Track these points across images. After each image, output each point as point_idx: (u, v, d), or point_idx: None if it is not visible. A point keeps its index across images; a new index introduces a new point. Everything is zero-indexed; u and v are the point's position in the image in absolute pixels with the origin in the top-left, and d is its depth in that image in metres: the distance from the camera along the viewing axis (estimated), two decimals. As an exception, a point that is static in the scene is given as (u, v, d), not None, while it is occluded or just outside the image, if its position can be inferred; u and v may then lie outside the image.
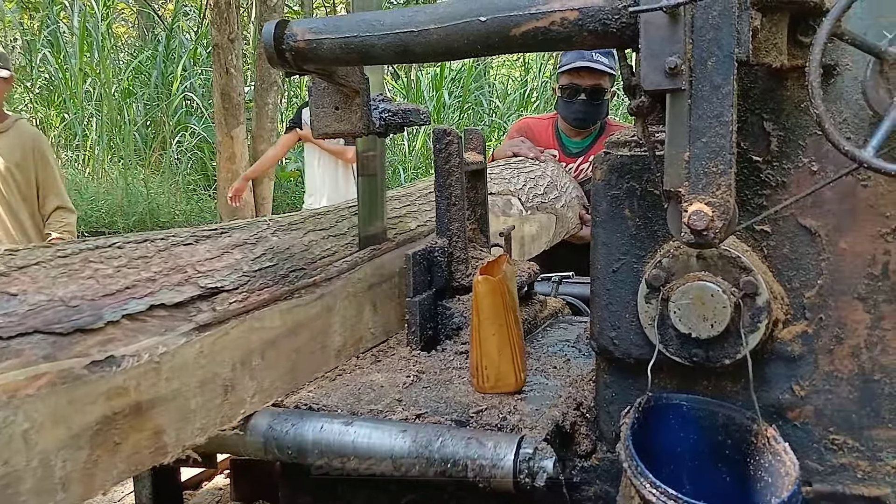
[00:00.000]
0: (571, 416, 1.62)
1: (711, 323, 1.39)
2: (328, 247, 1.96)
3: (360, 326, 2.03)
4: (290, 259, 1.81)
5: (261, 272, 1.70)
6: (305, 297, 1.78)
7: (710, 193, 1.22)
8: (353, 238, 2.07)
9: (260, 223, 1.90)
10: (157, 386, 1.37)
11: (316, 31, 1.55)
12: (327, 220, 2.10)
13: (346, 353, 1.96)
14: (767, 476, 1.37)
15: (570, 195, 3.64)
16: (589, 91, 3.70)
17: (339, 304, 1.92)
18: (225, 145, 8.70)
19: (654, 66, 1.22)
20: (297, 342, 1.76)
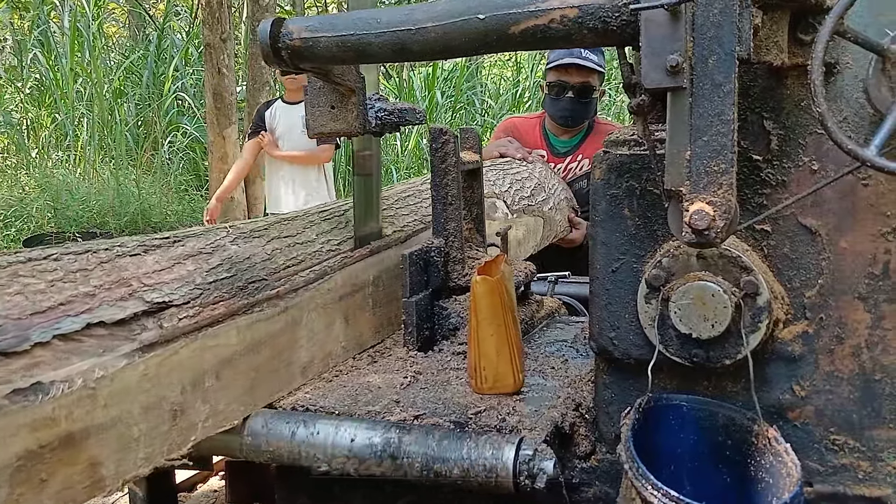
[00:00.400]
0: (570, 417, 1.61)
1: (712, 323, 1.38)
2: (294, 255, 1.84)
3: (330, 341, 1.92)
4: (250, 269, 1.68)
5: (216, 284, 1.57)
6: (267, 310, 1.67)
7: (711, 192, 1.21)
8: (321, 246, 1.95)
9: (218, 230, 1.77)
10: (93, 414, 1.25)
11: (312, 30, 1.53)
12: (294, 227, 1.97)
13: (314, 369, 1.85)
14: (768, 477, 1.37)
15: (558, 197, 3.55)
16: (577, 89, 3.62)
17: (306, 317, 1.81)
18: (217, 145, 8.68)
19: (654, 64, 1.21)
20: (257, 360, 1.64)
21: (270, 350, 1.69)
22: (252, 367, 1.63)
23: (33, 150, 11.82)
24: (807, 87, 1.37)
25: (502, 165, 3.37)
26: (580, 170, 3.82)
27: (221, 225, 1.80)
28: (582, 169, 3.82)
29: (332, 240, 2.01)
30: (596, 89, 3.70)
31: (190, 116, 12.51)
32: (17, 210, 9.79)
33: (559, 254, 3.53)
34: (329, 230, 2.05)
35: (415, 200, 2.52)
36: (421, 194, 2.58)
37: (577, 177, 3.82)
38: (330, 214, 2.13)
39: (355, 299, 2.03)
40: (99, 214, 9.98)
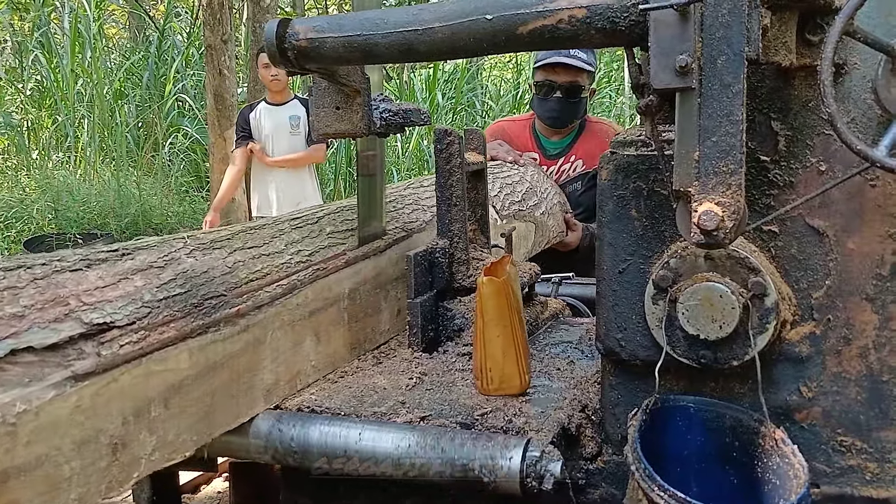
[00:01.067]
0: (577, 419, 1.61)
1: (720, 324, 1.37)
2: (258, 268, 1.70)
3: (299, 360, 1.79)
4: (207, 284, 1.54)
5: (167, 302, 1.43)
6: (225, 329, 1.54)
7: (720, 193, 1.20)
8: (290, 257, 1.81)
9: (175, 241, 1.63)
10: (13, 453, 1.12)
11: (318, 30, 1.53)
12: (260, 237, 1.82)
13: (280, 392, 1.72)
14: (775, 478, 1.36)
15: (551, 201, 3.41)
16: (565, 88, 3.48)
17: (271, 335, 1.68)
18: (218, 147, 8.66)
19: (663, 64, 1.20)
20: (212, 384, 1.51)
21: (229, 373, 1.56)
22: (207, 391, 1.50)
23: (34, 151, 11.81)
24: (814, 87, 1.38)
25: (492, 169, 3.18)
26: (574, 171, 3.71)
27: (179, 235, 1.68)
28: (575, 170, 3.71)
29: (303, 250, 1.87)
30: (585, 89, 3.57)
31: (191, 118, 12.50)
32: (17, 211, 9.79)
33: (555, 258, 3.41)
34: (300, 239, 1.90)
35: (396, 206, 2.38)
36: (403, 199, 2.45)
37: (571, 178, 3.72)
38: (302, 222, 1.99)
39: (328, 314, 1.89)
40: (100, 216, 9.98)
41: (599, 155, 3.48)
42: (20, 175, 11.08)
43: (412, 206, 2.43)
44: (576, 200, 3.67)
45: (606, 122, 3.96)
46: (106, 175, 11.17)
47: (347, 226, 2.08)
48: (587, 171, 3.65)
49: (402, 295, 2.15)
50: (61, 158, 11.77)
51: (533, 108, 3.72)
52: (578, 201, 3.67)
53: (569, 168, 3.70)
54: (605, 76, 14.88)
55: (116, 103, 12.33)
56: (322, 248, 1.93)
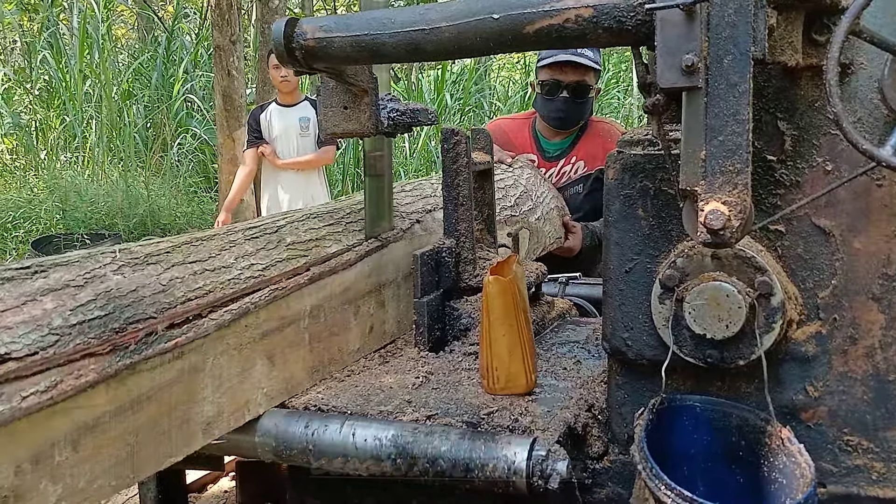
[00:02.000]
0: (583, 418, 1.61)
1: (726, 324, 1.38)
2: (199, 285, 1.51)
3: (247, 388, 1.60)
4: (133, 306, 1.35)
5: (81, 327, 1.24)
6: (154, 358, 1.35)
7: (726, 192, 1.20)
8: (240, 272, 1.63)
9: (102, 256, 1.44)
10: None
11: (326, 30, 1.54)
12: (207, 249, 1.63)
13: (223, 424, 1.54)
14: (782, 477, 1.36)
15: (547, 206, 3.23)
16: (572, 87, 3.36)
17: (213, 362, 1.50)
18: (227, 147, 8.68)
19: (670, 63, 1.21)
20: (136, 420, 1.33)
21: (157, 406, 1.38)
22: (129, 429, 1.32)
23: (42, 151, 11.85)
24: (821, 87, 1.38)
25: None
26: (575, 173, 3.58)
27: (109, 248, 1.49)
28: (577, 172, 3.57)
29: (256, 264, 1.68)
30: (592, 88, 3.45)
31: (199, 119, 12.53)
32: (25, 211, 9.83)
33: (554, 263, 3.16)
34: (253, 252, 1.71)
35: None
36: None
37: (572, 181, 3.58)
38: (259, 232, 1.81)
39: (285, 335, 1.71)
40: (108, 216, 10.00)
41: (602, 156, 3.45)
42: (28, 175, 11.12)
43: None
44: (577, 204, 3.57)
45: (609, 122, 3.86)
46: (114, 175, 11.20)
47: (312, 235, 1.91)
48: (589, 172, 3.54)
49: (376, 310, 2.05)
50: (69, 159, 11.81)
51: (536, 108, 3.60)
52: (580, 205, 3.57)
53: (570, 170, 3.58)
54: (614, 77, 14.87)
55: (125, 104, 12.36)
56: (279, 262, 1.74)
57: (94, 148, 11.64)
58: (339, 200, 2.29)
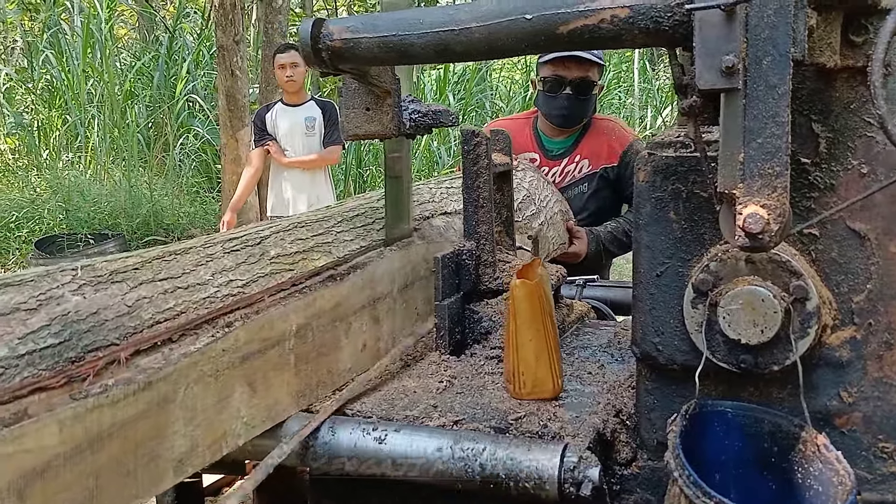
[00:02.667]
0: (612, 424, 1.59)
1: (761, 329, 1.35)
2: (170, 306, 1.38)
3: (225, 418, 1.46)
4: (94, 331, 1.22)
5: (31, 357, 1.11)
6: (116, 390, 1.20)
7: (765, 195, 1.18)
8: (216, 290, 1.50)
9: (62, 274, 1.30)
10: None
11: (353, 31, 1.52)
12: (180, 265, 1.50)
13: (198, 459, 1.39)
14: (817, 485, 1.34)
15: (551, 210, 3.11)
16: (575, 84, 3.31)
17: (185, 391, 1.35)
18: (230, 147, 8.68)
19: (708, 65, 1.19)
20: (96, 461, 1.17)
21: (121, 444, 1.22)
22: (87, 472, 1.17)
23: (44, 151, 11.86)
24: (856, 89, 1.36)
25: None
26: (579, 172, 3.53)
27: (70, 264, 1.36)
28: (581, 171, 3.52)
29: (236, 280, 1.55)
30: (596, 84, 3.41)
31: (201, 119, 12.52)
32: (28, 212, 9.83)
33: None
34: (234, 266, 1.59)
35: (365, 222, 2.09)
36: (374, 213, 2.15)
37: (576, 180, 3.54)
38: (239, 244, 1.68)
39: (267, 358, 1.57)
40: (111, 216, 10.00)
41: (606, 154, 3.49)
42: (31, 175, 11.13)
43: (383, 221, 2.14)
44: (581, 204, 3.52)
45: (612, 120, 3.79)
46: (117, 175, 11.20)
47: (299, 247, 1.78)
48: (593, 171, 3.51)
49: (369, 327, 1.92)
50: (72, 159, 11.81)
51: (538, 107, 3.55)
52: (584, 205, 3.53)
53: (573, 169, 3.53)
54: (615, 77, 14.87)
55: (127, 104, 12.37)
56: (262, 277, 1.61)
57: (96, 148, 11.64)
58: (330, 208, 2.17)
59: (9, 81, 12.68)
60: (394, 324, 2.05)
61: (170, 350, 1.33)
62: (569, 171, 3.53)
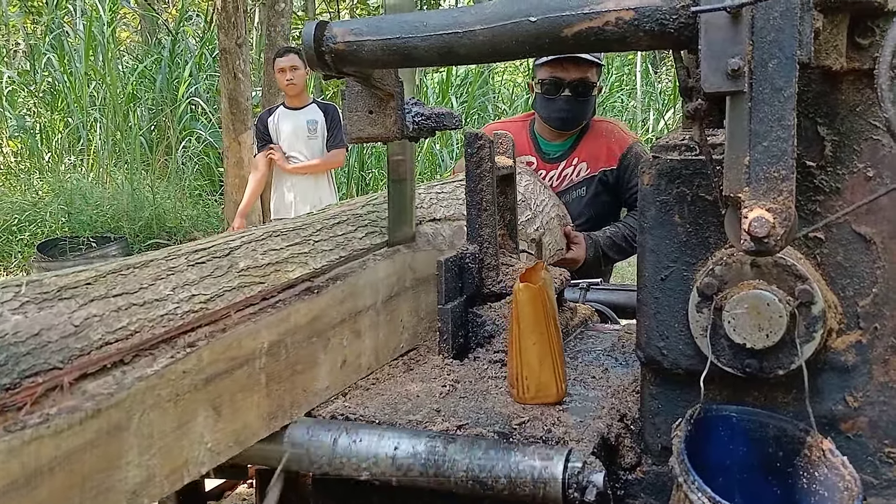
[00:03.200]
0: (616, 428, 1.59)
1: (767, 333, 1.35)
2: (123, 324, 1.26)
3: (187, 444, 1.35)
4: (34, 353, 1.12)
5: None
6: (58, 419, 1.09)
7: (771, 199, 1.18)
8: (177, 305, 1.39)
9: (3, 292, 1.20)
10: None
11: (357, 33, 1.51)
12: (137, 279, 1.39)
13: (155, 489, 1.28)
14: (823, 489, 1.33)
15: (547, 215, 3.01)
16: (574, 86, 3.24)
17: (140, 418, 1.24)
18: (232, 150, 8.69)
19: (714, 67, 1.18)
20: (35, 498, 1.07)
21: (66, 478, 1.11)
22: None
23: (46, 154, 11.87)
24: (862, 92, 1.35)
25: None
26: (577, 175, 3.45)
27: (13, 280, 1.25)
28: (579, 174, 3.44)
29: (199, 295, 1.45)
30: (595, 85, 3.34)
31: (204, 122, 12.53)
32: (30, 215, 9.84)
33: None
34: (197, 280, 1.48)
35: (343, 230, 1.98)
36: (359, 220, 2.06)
37: (575, 184, 3.46)
38: (206, 255, 1.57)
39: (235, 378, 1.45)
40: (113, 219, 10.01)
41: (605, 156, 3.44)
42: (33, 178, 11.14)
43: (366, 229, 2.05)
44: (579, 208, 3.45)
45: (611, 121, 3.72)
46: (119, 178, 11.21)
47: (272, 258, 1.67)
48: (592, 174, 3.43)
49: (350, 342, 1.81)
50: (74, 161, 11.83)
51: (536, 109, 3.47)
52: (582, 209, 3.45)
53: (571, 172, 3.46)
54: (617, 80, 14.87)
55: (129, 106, 12.38)
56: (228, 291, 1.50)
57: (98, 151, 11.66)
58: (311, 215, 2.07)
59: (11, 84, 12.69)
60: (377, 338, 1.95)
61: (122, 373, 1.22)
62: (566, 174, 3.46)
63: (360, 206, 2.17)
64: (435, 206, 2.41)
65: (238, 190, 8.30)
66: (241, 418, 1.48)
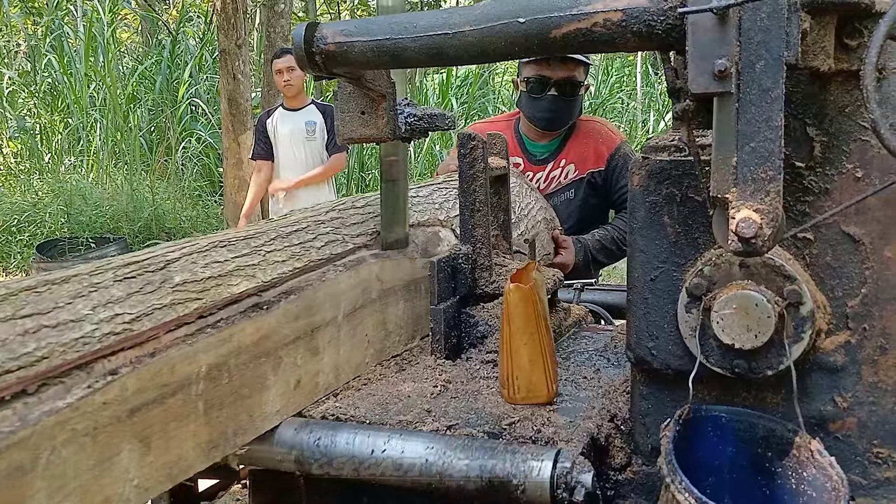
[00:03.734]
0: (606, 429, 1.59)
1: (755, 333, 1.35)
2: (29, 349, 1.10)
3: (108, 483, 1.20)
4: None
5: None
6: None
7: (758, 200, 1.18)
8: (94, 327, 1.21)
9: None
10: None
11: (347, 34, 1.51)
12: (51, 298, 1.22)
13: None
14: (811, 490, 1.34)
15: (534, 218, 2.88)
16: (561, 84, 3.14)
17: (49, 457, 1.09)
18: (232, 151, 8.69)
19: (701, 68, 1.18)
20: None
21: None
22: None
23: (46, 155, 11.88)
24: (851, 93, 1.35)
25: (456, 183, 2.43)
26: (565, 177, 3.34)
27: None
28: (567, 176, 3.34)
29: (123, 314, 1.28)
30: (582, 84, 3.24)
31: (204, 122, 12.54)
32: (30, 215, 9.85)
33: None
34: (123, 297, 1.31)
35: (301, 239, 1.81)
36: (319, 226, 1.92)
37: (563, 186, 3.36)
38: (137, 269, 1.40)
39: (167, 407, 1.30)
40: (112, 220, 10.02)
41: (594, 157, 3.37)
42: (33, 179, 11.14)
43: (327, 238, 1.88)
44: (568, 211, 3.35)
45: (599, 121, 3.62)
46: (118, 179, 11.22)
47: (214, 271, 1.51)
48: (580, 175, 3.34)
49: (305, 361, 1.67)
50: (74, 162, 11.83)
51: (521, 109, 3.37)
52: (570, 212, 3.36)
53: (559, 174, 3.36)
54: (618, 81, 14.88)
55: (129, 107, 12.40)
56: (158, 310, 1.34)
57: (98, 152, 11.67)
58: (267, 222, 1.91)
59: (12, 85, 12.70)
60: (337, 355, 1.79)
61: (25, 406, 1.07)
62: (554, 176, 3.36)
63: (323, 212, 2.02)
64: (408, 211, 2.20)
65: (238, 191, 8.31)
66: (175, 450, 1.33)
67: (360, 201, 2.21)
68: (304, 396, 1.69)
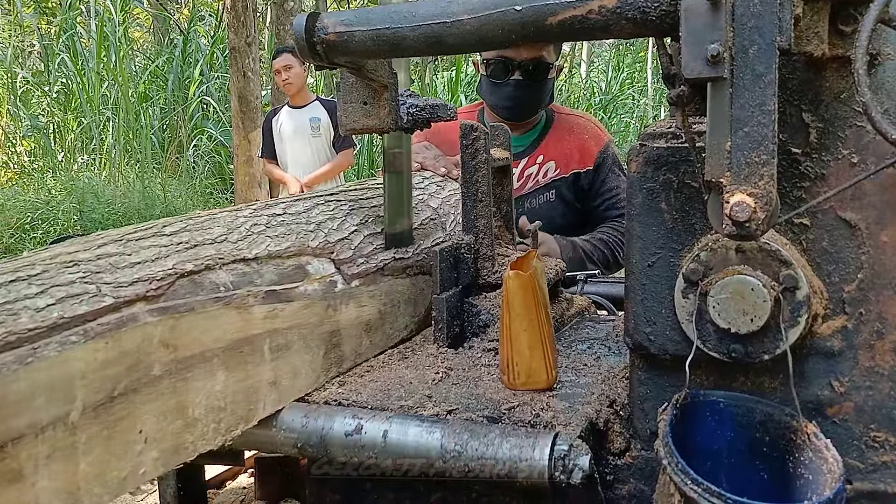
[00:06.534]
0: (605, 414, 1.60)
1: (751, 318, 1.36)
2: None
3: None
4: None
5: None
6: None
7: (752, 184, 1.19)
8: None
9: None
10: None
11: (347, 24, 1.53)
12: None
13: None
14: (808, 473, 1.35)
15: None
16: (526, 67, 2.73)
17: None
18: (242, 148, 8.74)
19: (695, 53, 1.19)
20: None
21: None
22: None
23: (59, 153, 11.95)
24: (847, 78, 1.36)
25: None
26: (543, 176, 2.93)
27: None
28: (546, 175, 2.93)
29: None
30: (552, 66, 2.80)
31: (215, 120, 12.60)
32: (43, 213, 9.91)
33: None
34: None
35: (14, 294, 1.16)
36: (63, 273, 1.24)
37: (540, 186, 2.95)
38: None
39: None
40: (124, 217, 10.07)
41: (578, 156, 3.06)
42: (46, 177, 11.21)
43: (68, 290, 1.17)
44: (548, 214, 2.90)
45: (583, 116, 3.21)
46: (131, 177, 11.29)
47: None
48: (563, 175, 2.95)
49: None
50: (86, 160, 11.91)
51: (481, 95, 2.93)
52: (551, 215, 2.91)
53: (536, 172, 2.94)
54: (629, 77, 14.86)
55: (141, 106, 12.47)
56: None
57: (111, 150, 11.74)
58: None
59: (25, 84, 12.79)
60: (68, 473, 1.10)
61: None
62: (530, 174, 2.95)
63: (79, 248, 1.39)
64: (252, 238, 1.64)
65: (248, 188, 8.35)
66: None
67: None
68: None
